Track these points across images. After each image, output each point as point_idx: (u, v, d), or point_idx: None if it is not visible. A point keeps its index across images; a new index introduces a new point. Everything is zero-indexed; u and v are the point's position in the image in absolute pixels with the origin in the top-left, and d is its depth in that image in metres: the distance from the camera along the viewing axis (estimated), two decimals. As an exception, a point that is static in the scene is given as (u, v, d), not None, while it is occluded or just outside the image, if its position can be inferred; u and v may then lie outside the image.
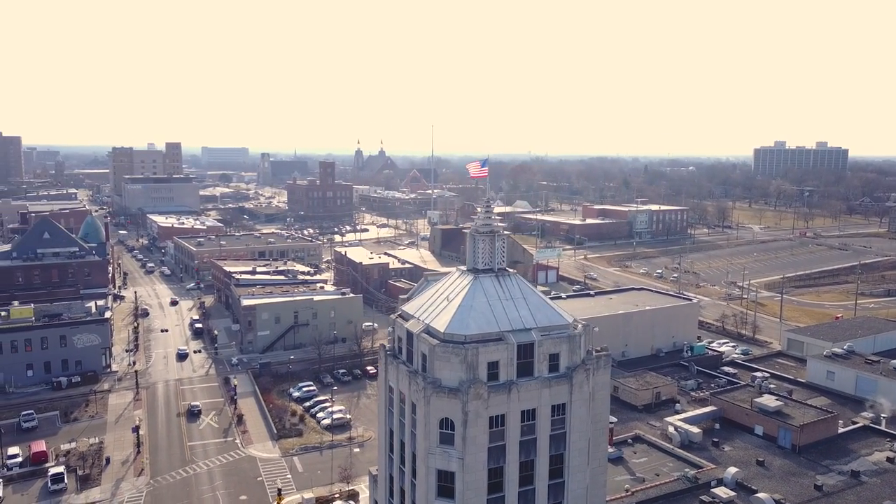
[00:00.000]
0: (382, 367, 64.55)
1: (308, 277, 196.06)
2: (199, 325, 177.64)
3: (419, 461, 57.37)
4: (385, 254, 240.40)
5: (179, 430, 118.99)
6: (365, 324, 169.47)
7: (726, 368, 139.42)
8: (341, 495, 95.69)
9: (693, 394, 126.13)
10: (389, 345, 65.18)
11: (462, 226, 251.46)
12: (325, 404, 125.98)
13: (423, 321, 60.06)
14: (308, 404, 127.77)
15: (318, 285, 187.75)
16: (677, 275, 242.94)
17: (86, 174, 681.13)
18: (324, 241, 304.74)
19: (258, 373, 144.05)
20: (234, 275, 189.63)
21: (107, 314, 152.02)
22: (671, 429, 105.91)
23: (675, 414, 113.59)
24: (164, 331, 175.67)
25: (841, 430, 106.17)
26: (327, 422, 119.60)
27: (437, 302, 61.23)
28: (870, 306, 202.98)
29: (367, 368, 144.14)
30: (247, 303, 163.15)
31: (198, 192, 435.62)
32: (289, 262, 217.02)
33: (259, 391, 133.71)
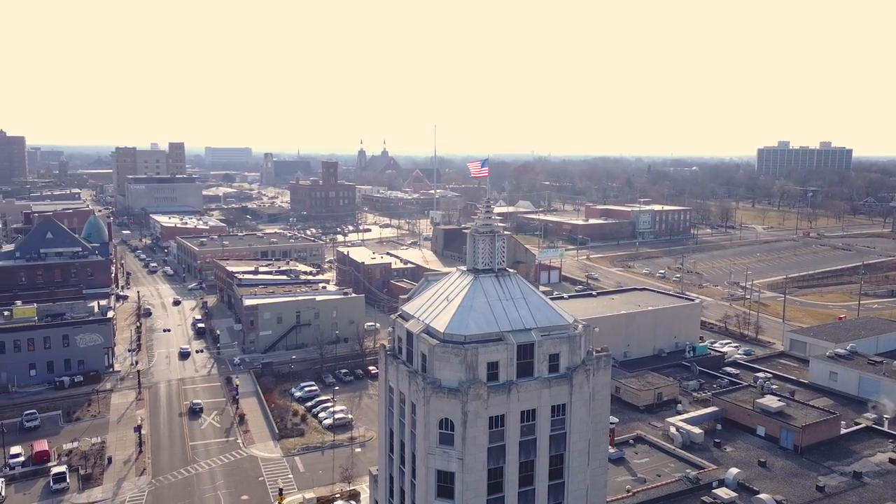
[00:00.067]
0: (382, 367, 64.57)
1: (310, 277, 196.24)
2: (201, 325, 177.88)
3: (419, 461, 57.36)
4: (387, 254, 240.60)
5: (181, 429, 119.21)
6: (367, 324, 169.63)
7: (728, 369, 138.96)
8: (342, 495, 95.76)
9: (695, 394, 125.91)
10: (390, 345, 65.18)
11: (464, 226, 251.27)
12: (326, 404, 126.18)
13: (423, 321, 60.04)
14: (310, 404, 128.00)
15: (321, 285, 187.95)
16: (680, 275, 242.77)
17: (89, 174, 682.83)
18: (326, 241, 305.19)
19: (260, 372, 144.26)
20: (237, 275, 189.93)
21: (109, 314, 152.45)
22: (673, 429, 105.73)
23: (677, 414, 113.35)
24: (166, 330, 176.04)
25: (843, 431, 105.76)
26: (329, 422, 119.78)
27: (437, 302, 61.21)
28: (873, 307, 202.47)
29: (369, 368, 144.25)
30: (249, 303, 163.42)
31: (201, 192, 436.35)
32: (291, 262, 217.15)
33: (261, 391, 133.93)
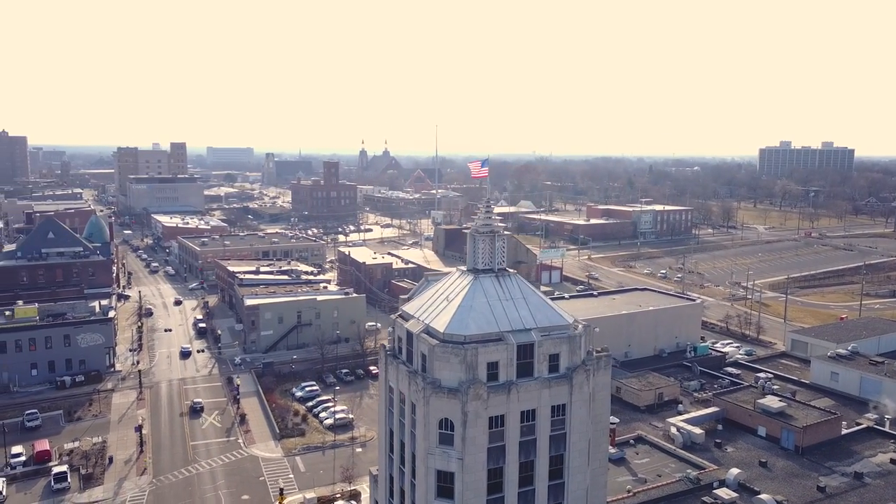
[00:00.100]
0: (382, 366, 64.57)
1: (311, 277, 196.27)
2: (202, 325, 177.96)
3: (419, 461, 57.35)
4: (388, 254, 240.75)
5: (182, 429, 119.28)
6: (368, 324, 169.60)
7: (730, 369, 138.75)
8: (343, 495, 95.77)
9: (696, 394, 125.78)
10: (390, 345, 65.18)
11: (465, 226, 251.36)
12: (327, 404, 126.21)
13: (422, 321, 60.02)
14: (311, 404, 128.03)
15: (322, 285, 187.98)
16: (681, 275, 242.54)
17: (91, 174, 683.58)
18: (328, 240, 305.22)
19: (261, 372, 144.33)
20: (238, 274, 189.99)
21: (110, 314, 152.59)
22: (674, 429, 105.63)
23: (678, 415, 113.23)
24: (167, 330, 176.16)
25: (844, 432, 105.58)
26: (330, 422, 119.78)
27: (437, 302, 61.18)
28: (875, 307, 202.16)
29: (370, 368, 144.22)
30: (250, 302, 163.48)
31: (202, 191, 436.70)
32: (292, 262, 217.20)
33: (262, 391, 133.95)
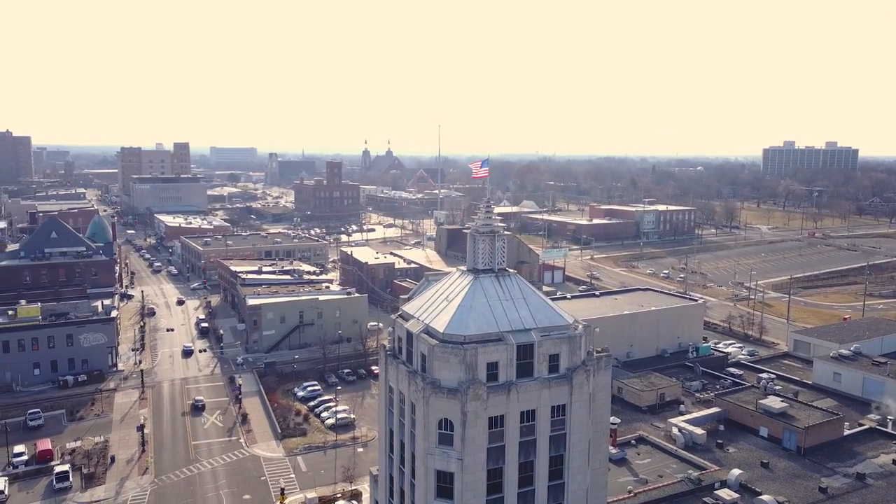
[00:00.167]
0: (383, 366, 64.58)
1: (314, 277, 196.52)
2: (204, 325, 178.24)
3: (418, 461, 57.33)
4: (391, 254, 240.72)
5: (184, 428, 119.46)
6: (370, 323, 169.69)
7: (732, 369, 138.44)
8: (344, 495, 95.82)
9: (698, 395, 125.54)
10: (390, 345, 65.20)
11: (467, 226, 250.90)
12: (329, 404, 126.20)
13: (422, 321, 60.00)
14: (312, 404, 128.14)
15: (324, 285, 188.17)
16: (684, 275, 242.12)
17: (95, 174, 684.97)
18: (330, 240, 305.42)
19: (263, 372, 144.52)
20: (240, 274, 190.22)
21: (113, 313, 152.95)
22: (675, 430, 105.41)
23: (680, 415, 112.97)
24: (169, 330, 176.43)
25: (847, 433, 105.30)
26: (331, 421, 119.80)
27: (437, 302, 61.16)
28: (878, 307, 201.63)
29: (372, 368, 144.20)
30: (252, 302, 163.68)
31: (205, 191, 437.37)
32: (295, 262, 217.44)
33: (264, 390, 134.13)
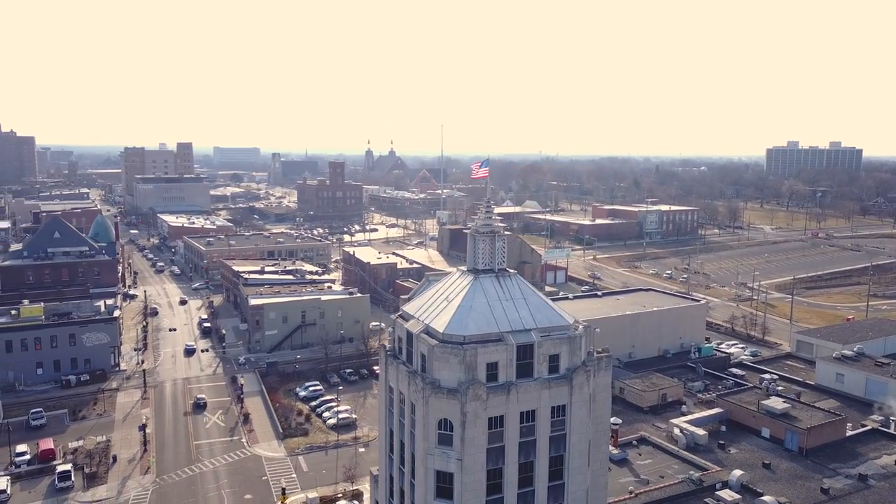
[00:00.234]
0: (383, 367, 64.61)
1: (316, 277, 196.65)
2: (207, 325, 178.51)
3: (418, 462, 57.33)
4: (393, 254, 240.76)
5: (186, 428, 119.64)
6: (372, 323, 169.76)
7: (734, 370, 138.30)
8: (345, 495, 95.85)
9: (700, 395, 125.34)
10: (390, 345, 65.23)
11: (468, 226, 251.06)
12: (331, 404, 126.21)
13: (422, 321, 60.00)
14: (314, 404, 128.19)
15: (326, 285, 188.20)
16: (687, 276, 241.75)
17: (98, 174, 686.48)
18: (333, 240, 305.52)
19: (265, 372, 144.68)
20: (243, 274, 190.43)
21: (116, 313, 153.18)
22: (677, 430, 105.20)
23: (681, 416, 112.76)
24: (172, 330, 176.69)
25: (849, 433, 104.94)
26: (333, 421, 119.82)
27: (437, 302, 61.15)
28: (882, 308, 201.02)
29: (374, 368, 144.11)
30: (254, 302, 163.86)
31: (208, 191, 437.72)
32: (297, 262, 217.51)
33: (265, 390, 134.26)
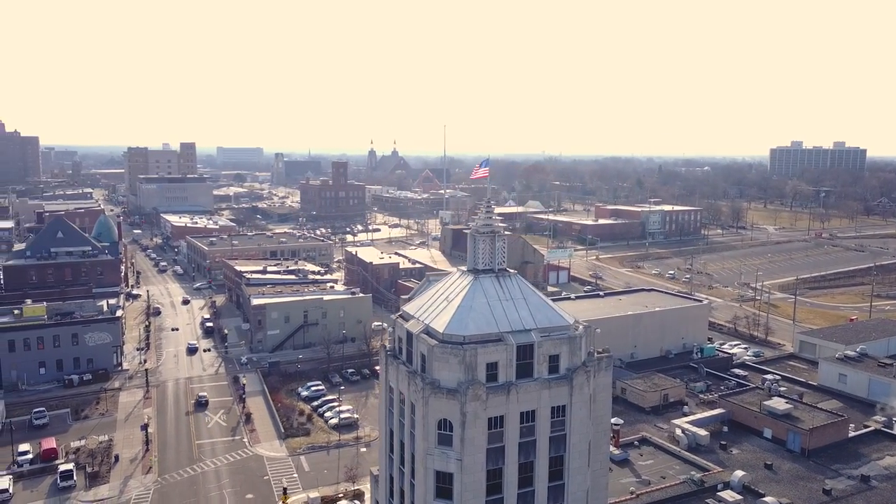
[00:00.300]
0: (383, 367, 64.62)
1: (318, 277, 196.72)
2: (209, 324, 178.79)
3: (418, 462, 57.32)
4: (395, 254, 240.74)
5: (188, 428, 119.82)
6: (374, 323, 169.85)
7: (736, 370, 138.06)
8: (346, 495, 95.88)
9: (702, 396, 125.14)
10: (390, 345, 65.22)
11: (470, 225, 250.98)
12: (332, 404, 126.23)
13: (422, 321, 59.99)
14: (316, 403, 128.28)
15: (328, 285, 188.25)
16: (690, 276, 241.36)
17: (102, 174, 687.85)
18: (336, 240, 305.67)
19: (267, 372, 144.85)
20: (245, 274, 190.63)
21: (118, 313, 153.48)
22: (678, 431, 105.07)
23: (683, 416, 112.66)
24: (174, 329, 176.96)
25: (851, 434, 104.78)
26: (335, 421, 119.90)
27: (437, 302, 61.14)
28: (885, 308, 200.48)
29: (376, 368, 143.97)
30: (257, 302, 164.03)
31: (211, 191, 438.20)
32: (299, 262, 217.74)
33: (267, 390, 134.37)
